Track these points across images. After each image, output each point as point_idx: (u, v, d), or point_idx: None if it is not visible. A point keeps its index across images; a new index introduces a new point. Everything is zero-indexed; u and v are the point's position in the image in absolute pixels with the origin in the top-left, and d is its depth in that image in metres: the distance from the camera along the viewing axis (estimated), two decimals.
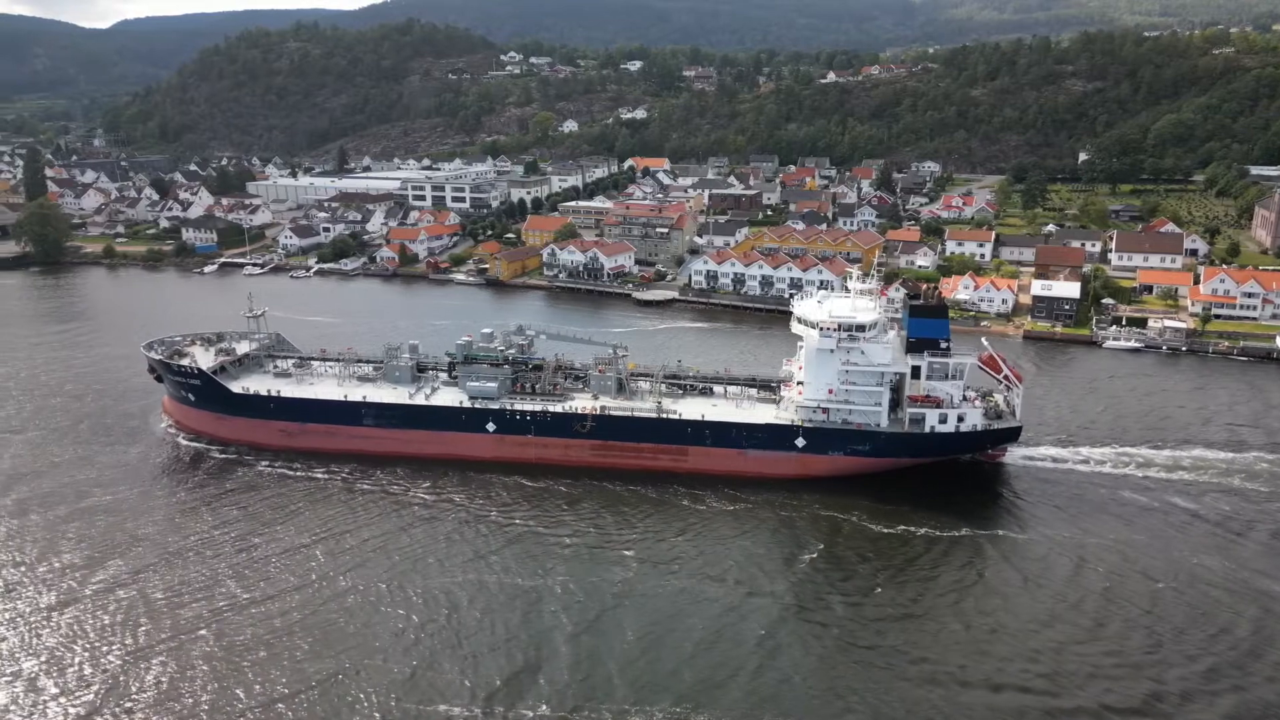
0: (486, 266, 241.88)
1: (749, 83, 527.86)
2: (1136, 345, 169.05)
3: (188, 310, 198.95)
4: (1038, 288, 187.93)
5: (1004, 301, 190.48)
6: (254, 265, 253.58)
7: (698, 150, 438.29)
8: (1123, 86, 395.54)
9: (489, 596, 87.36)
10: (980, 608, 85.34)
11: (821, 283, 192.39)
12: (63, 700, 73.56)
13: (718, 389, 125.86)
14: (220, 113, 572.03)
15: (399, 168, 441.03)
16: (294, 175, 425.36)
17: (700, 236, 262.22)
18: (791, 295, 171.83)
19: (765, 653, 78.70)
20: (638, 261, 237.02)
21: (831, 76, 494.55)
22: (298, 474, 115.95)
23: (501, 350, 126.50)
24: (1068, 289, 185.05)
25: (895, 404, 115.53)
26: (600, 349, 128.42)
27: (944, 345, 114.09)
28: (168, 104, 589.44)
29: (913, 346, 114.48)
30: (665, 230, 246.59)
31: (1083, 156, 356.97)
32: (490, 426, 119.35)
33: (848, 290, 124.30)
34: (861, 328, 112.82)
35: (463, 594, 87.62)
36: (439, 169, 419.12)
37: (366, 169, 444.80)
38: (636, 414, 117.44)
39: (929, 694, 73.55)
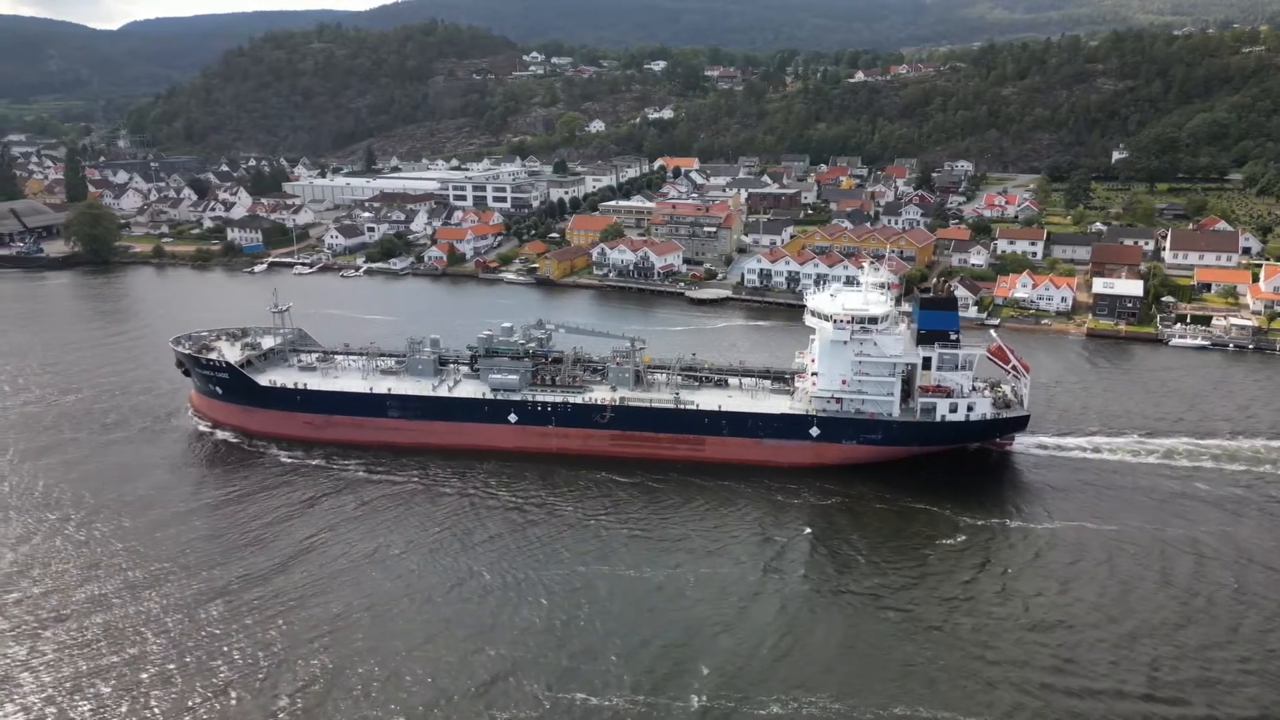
0: (536, 266, 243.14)
1: (774, 82, 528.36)
2: (1203, 343, 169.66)
3: (240, 308, 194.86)
4: (1099, 286, 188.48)
5: (1063, 300, 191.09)
6: (303, 265, 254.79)
7: (727, 150, 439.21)
8: (1154, 85, 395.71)
9: (623, 587, 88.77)
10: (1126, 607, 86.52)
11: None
12: (236, 692, 74.84)
13: (732, 381, 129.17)
14: (246, 114, 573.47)
15: (428, 168, 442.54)
16: (323, 175, 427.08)
17: (746, 235, 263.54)
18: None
19: (906, 655, 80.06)
20: (685, 260, 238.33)
21: (860, 76, 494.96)
22: (375, 475, 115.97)
23: (521, 343, 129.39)
24: (1130, 287, 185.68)
25: (906, 394, 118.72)
26: (618, 342, 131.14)
27: (954, 337, 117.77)
28: (192, 105, 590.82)
29: (923, 338, 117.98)
30: (714, 229, 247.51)
31: (1116, 155, 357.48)
32: (512, 417, 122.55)
33: (860, 283, 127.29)
34: (874, 320, 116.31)
35: (601, 585, 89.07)
36: (467, 169, 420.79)
37: (395, 169, 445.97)
38: (655, 405, 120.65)
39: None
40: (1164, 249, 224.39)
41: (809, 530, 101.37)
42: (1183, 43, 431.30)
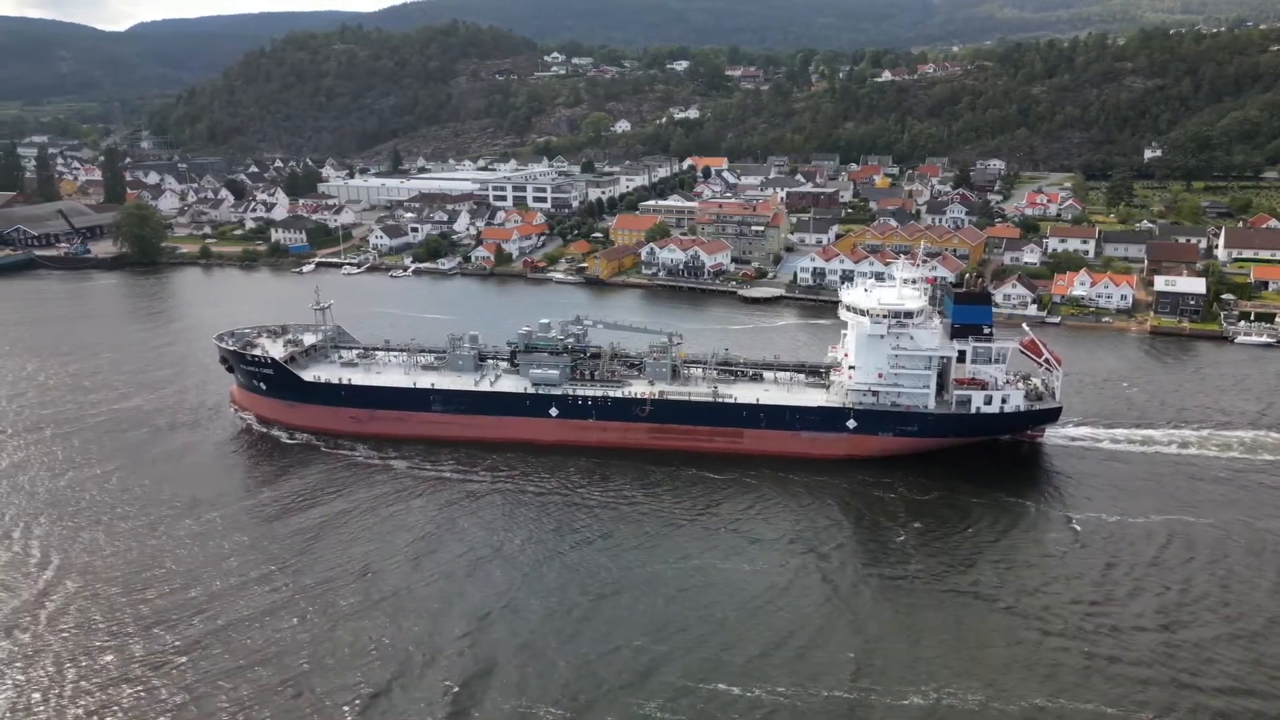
0: (585, 265, 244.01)
1: (799, 82, 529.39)
2: (1269, 340, 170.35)
3: (291, 307, 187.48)
4: (1161, 284, 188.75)
5: (1123, 298, 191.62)
6: (351, 265, 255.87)
7: (755, 149, 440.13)
8: (1184, 84, 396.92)
9: (742, 584, 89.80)
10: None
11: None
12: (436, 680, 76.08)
13: (768, 375, 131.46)
14: (269, 115, 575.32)
15: (455, 169, 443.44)
16: (351, 176, 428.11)
17: (793, 234, 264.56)
18: None
19: (1053, 657, 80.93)
20: (733, 260, 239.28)
21: (886, 75, 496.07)
22: (467, 475, 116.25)
23: (560, 339, 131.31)
24: (1192, 285, 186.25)
25: (941, 387, 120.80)
26: (654, 337, 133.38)
27: (987, 330, 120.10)
28: (215, 106, 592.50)
29: (957, 332, 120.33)
30: (761, 228, 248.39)
31: (1149, 153, 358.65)
32: (553, 411, 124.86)
33: (893, 278, 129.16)
34: (910, 314, 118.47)
35: (719, 581, 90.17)
36: (495, 169, 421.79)
37: (422, 170, 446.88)
38: (694, 398, 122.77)
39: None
40: (1216, 247, 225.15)
41: (918, 525, 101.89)
42: (1211, 41, 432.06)
